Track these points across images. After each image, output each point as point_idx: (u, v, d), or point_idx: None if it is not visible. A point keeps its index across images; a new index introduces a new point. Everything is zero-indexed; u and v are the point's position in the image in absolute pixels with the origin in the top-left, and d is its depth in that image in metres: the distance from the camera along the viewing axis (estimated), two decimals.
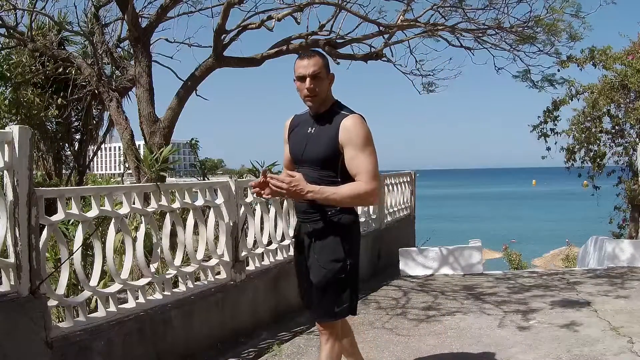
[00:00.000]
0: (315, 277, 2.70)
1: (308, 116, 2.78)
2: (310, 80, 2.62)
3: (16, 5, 7.02)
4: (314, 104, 2.68)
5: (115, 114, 6.07)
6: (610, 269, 7.05)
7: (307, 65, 2.63)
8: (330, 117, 2.68)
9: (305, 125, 2.76)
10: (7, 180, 2.96)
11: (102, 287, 3.71)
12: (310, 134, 2.72)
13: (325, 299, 2.70)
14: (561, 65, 8.81)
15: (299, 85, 2.67)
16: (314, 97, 2.65)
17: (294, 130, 2.82)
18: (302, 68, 2.63)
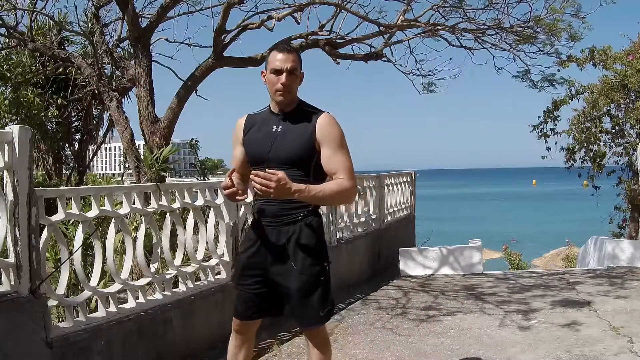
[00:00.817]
0: (295, 284, 2.57)
1: (269, 114, 2.66)
2: (287, 75, 2.55)
3: (16, 5, 7.01)
4: (285, 99, 2.59)
5: (115, 114, 6.07)
6: (610, 269, 7.04)
7: (285, 59, 2.56)
8: (300, 115, 2.61)
9: (268, 124, 2.63)
10: (7, 180, 2.96)
11: (102, 287, 3.71)
12: (276, 132, 2.59)
13: (310, 305, 2.59)
14: (561, 65, 8.81)
15: (272, 78, 2.58)
16: (286, 92, 2.56)
17: (251, 129, 2.67)
18: (280, 62, 2.55)
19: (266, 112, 2.70)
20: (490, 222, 38.64)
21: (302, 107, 2.65)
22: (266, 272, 2.64)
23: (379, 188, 8.02)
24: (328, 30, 6.61)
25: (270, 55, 2.63)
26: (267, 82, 2.62)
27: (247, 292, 2.70)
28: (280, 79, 2.55)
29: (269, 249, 2.62)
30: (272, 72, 2.57)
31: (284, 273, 2.60)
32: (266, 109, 2.71)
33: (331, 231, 6.34)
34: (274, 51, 2.64)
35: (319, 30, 6.63)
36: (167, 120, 5.94)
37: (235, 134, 2.75)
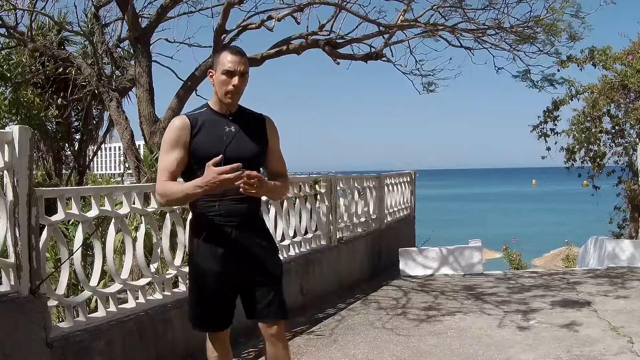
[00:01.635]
0: (270, 277, 2.66)
1: (214, 115, 2.62)
2: (239, 77, 2.55)
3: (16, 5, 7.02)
4: (233, 101, 2.61)
5: (115, 114, 6.07)
6: (610, 269, 7.05)
7: (239, 62, 2.55)
8: (246, 117, 2.67)
9: (218, 124, 2.59)
10: (7, 180, 2.96)
11: (102, 287, 3.71)
12: (230, 132, 2.58)
13: (282, 298, 2.69)
14: (561, 65, 8.81)
15: (222, 79, 2.55)
16: (236, 95, 2.58)
17: (200, 131, 2.57)
18: (234, 64, 2.54)
19: (207, 112, 2.64)
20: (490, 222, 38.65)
21: (243, 109, 2.70)
22: (238, 274, 2.62)
23: (379, 188, 8.02)
24: (328, 30, 6.61)
25: (222, 56, 2.59)
26: (215, 82, 2.60)
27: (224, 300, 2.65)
28: (232, 81, 2.55)
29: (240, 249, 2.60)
30: (224, 73, 2.55)
31: (260, 269, 2.64)
32: (204, 109, 2.65)
33: (331, 231, 6.34)
34: (225, 52, 2.60)
35: (319, 30, 6.63)
36: (167, 120, 5.93)
37: (176, 135, 2.56)
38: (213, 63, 2.67)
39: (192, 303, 2.70)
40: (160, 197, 2.56)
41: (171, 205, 2.61)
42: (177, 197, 2.53)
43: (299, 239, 5.72)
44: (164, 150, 2.60)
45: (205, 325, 2.72)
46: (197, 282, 2.66)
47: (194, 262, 2.66)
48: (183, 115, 2.67)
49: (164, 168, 2.56)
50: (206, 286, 2.62)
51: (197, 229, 2.64)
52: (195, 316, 2.70)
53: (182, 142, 2.56)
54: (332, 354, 4.15)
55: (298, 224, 5.70)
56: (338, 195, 6.67)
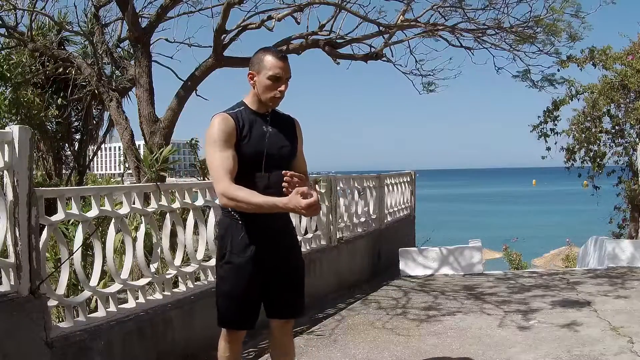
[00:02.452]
0: (299, 279, 2.80)
1: (252, 115, 2.66)
2: (285, 84, 2.63)
3: (16, 5, 7.02)
4: (275, 106, 2.69)
5: (115, 114, 6.07)
6: (610, 269, 7.05)
7: (286, 68, 2.62)
8: (279, 117, 2.74)
9: (258, 124, 2.64)
10: (7, 180, 2.96)
11: (102, 287, 3.71)
12: (268, 132, 2.65)
13: (303, 296, 2.83)
14: (561, 65, 8.82)
15: (268, 84, 2.60)
16: (280, 99, 2.67)
17: (243, 129, 2.60)
18: (282, 70, 2.60)
19: (246, 111, 2.66)
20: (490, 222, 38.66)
21: (275, 110, 2.75)
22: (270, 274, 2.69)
23: (379, 188, 8.03)
24: (328, 30, 6.61)
25: (268, 60, 2.61)
26: (258, 85, 2.63)
27: (255, 299, 2.71)
28: (279, 87, 2.61)
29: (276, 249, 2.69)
30: (270, 78, 2.60)
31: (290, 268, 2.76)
32: (242, 108, 2.68)
33: (331, 231, 6.34)
34: (271, 56, 2.63)
35: (319, 30, 6.63)
36: (167, 120, 5.94)
37: (227, 134, 2.57)
38: (252, 64, 2.67)
39: (225, 301, 2.69)
40: (228, 200, 2.51)
41: (237, 209, 2.58)
42: (249, 207, 2.50)
43: (299, 239, 5.72)
44: (219, 148, 2.55)
45: (236, 323, 2.72)
46: (232, 279, 2.66)
47: (230, 261, 2.65)
48: (226, 114, 2.63)
49: (225, 168, 2.53)
50: (241, 284, 2.65)
51: (237, 231, 2.64)
52: (227, 313, 2.70)
53: (233, 141, 2.58)
54: (332, 354, 4.15)
55: (298, 224, 5.70)
56: (338, 195, 6.67)
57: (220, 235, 2.71)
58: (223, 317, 2.72)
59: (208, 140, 2.58)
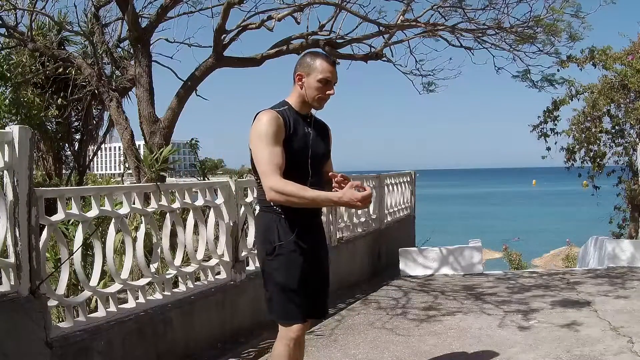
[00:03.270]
0: (327, 274, 2.87)
1: (296, 115, 2.69)
2: (333, 88, 2.70)
3: (16, 5, 7.02)
4: (319, 108, 2.75)
5: (115, 114, 6.07)
6: (610, 269, 7.04)
7: (334, 72, 2.69)
8: (316, 121, 2.79)
9: (301, 125, 2.69)
10: (7, 180, 2.96)
11: (102, 287, 3.71)
12: (309, 133, 2.71)
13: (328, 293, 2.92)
14: (561, 65, 8.80)
15: (317, 86, 2.65)
16: (325, 102, 2.73)
17: (291, 128, 2.64)
18: (332, 74, 2.66)
19: (291, 111, 2.68)
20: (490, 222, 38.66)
21: (312, 113, 2.81)
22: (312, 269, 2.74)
23: (379, 188, 8.03)
24: (328, 30, 6.61)
25: (319, 63, 2.66)
26: (306, 86, 2.67)
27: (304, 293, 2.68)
28: (328, 90, 2.68)
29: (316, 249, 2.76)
30: (321, 81, 2.65)
31: (324, 266, 2.83)
32: (286, 107, 2.69)
33: (331, 231, 6.34)
34: (321, 60, 2.68)
35: (319, 30, 6.63)
36: (167, 120, 5.94)
37: (277, 131, 2.57)
38: (301, 65, 2.69)
39: (282, 294, 2.66)
40: (278, 194, 2.52)
41: (286, 204, 2.58)
42: (300, 201, 2.52)
43: None
44: (269, 143, 2.55)
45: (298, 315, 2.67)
46: (285, 270, 2.64)
47: (281, 253, 2.64)
48: (274, 112, 2.62)
49: (275, 164, 2.54)
50: (295, 274, 2.65)
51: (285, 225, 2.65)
52: (287, 307, 2.65)
53: (282, 138, 2.59)
54: (332, 354, 4.15)
55: None
56: None
57: (264, 230, 2.70)
58: (283, 312, 2.66)
59: (256, 135, 2.57)
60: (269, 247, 2.66)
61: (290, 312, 2.65)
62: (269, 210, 2.69)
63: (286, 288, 2.64)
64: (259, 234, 2.75)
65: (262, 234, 2.72)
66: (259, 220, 2.80)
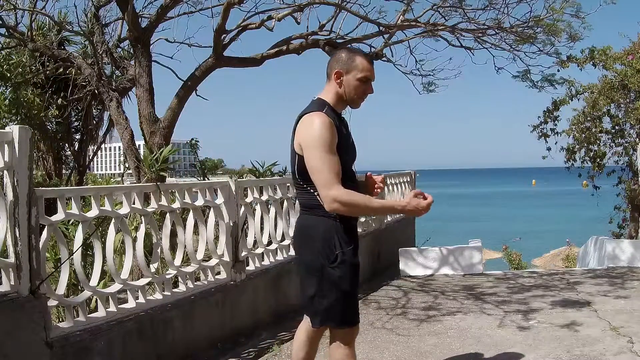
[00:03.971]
0: None
1: (335, 114, 2.62)
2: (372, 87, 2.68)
3: (16, 5, 7.02)
4: (356, 107, 2.71)
5: (115, 114, 6.07)
6: (610, 269, 7.04)
7: (373, 70, 2.66)
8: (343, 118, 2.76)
9: (342, 126, 2.63)
10: (7, 180, 2.96)
11: (102, 287, 3.71)
12: (349, 135, 2.70)
13: None
14: (561, 65, 8.81)
15: (358, 85, 2.61)
16: (362, 101, 2.70)
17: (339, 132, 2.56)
18: (372, 73, 2.64)
19: (332, 111, 2.61)
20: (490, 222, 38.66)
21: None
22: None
23: None
24: (328, 30, 6.61)
25: (358, 61, 2.61)
26: (345, 84, 2.61)
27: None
28: (369, 88, 2.65)
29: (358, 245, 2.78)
30: (361, 79, 2.61)
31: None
32: (327, 107, 2.60)
33: None
34: (361, 58, 2.63)
35: (319, 30, 6.63)
36: (167, 120, 5.94)
37: (332, 136, 2.50)
38: (339, 62, 2.62)
39: (347, 300, 2.68)
40: (342, 206, 2.47)
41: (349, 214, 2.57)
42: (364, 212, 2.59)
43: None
44: (328, 151, 2.47)
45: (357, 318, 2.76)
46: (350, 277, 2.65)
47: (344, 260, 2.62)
48: (327, 116, 2.53)
49: (336, 172, 2.48)
50: (356, 280, 2.70)
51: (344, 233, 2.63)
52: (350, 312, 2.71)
53: (336, 143, 2.52)
54: None
55: None
56: None
57: (324, 237, 2.61)
58: (349, 316, 2.70)
59: (313, 142, 2.47)
60: (331, 255, 2.59)
61: (353, 316, 2.72)
62: (326, 216, 2.59)
63: (350, 294, 2.67)
64: (317, 241, 2.63)
65: (321, 241, 2.61)
66: (316, 226, 2.63)
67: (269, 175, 6.27)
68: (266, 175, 6.23)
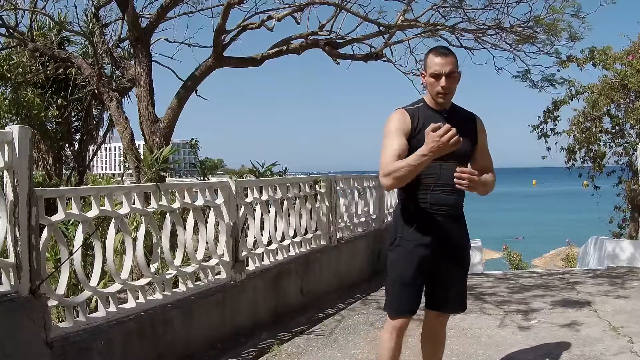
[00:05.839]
0: (463, 270, 2.93)
1: (430, 112, 2.74)
2: (446, 79, 2.67)
3: (16, 5, 7.02)
4: (445, 101, 2.75)
5: (115, 114, 6.07)
6: (610, 269, 7.05)
7: (443, 63, 2.67)
8: (459, 114, 2.80)
9: (434, 120, 2.64)
10: (7, 180, 2.96)
11: (102, 287, 3.71)
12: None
13: (465, 289, 2.95)
14: (561, 65, 8.81)
15: (431, 81, 2.69)
16: (446, 95, 2.71)
17: (418, 124, 2.68)
18: (439, 66, 2.67)
19: (424, 108, 2.76)
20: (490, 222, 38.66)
21: (456, 107, 2.83)
22: (437, 263, 2.78)
23: (379, 188, 8.01)
24: (328, 30, 6.61)
25: (429, 58, 2.72)
26: (427, 83, 2.74)
27: (420, 286, 2.80)
28: (440, 82, 2.68)
29: (445, 239, 2.78)
30: (432, 75, 2.69)
31: (457, 260, 2.88)
32: (421, 104, 2.77)
33: (331, 231, 6.34)
34: (431, 54, 2.73)
35: (319, 30, 6.63)
36: (167, 120, 5.94)
37: (399, 125, 2.69)
38: (423, 64, 2.79)
39: (394, 286, 2.79)
40: (386, 178, 2.61)
41: (399, 184, 2.66)
42: (403, 172, 2.58)
43: (299, 239, 5.72)
44: (389, 137, 2.67)
45: (406, 310, 2.79)
46: (401, 264, 2.76)
47: (400, 244, 2.76)
48: (402, 109, 2.75)
49: (391, 153, 2.63)
50: (410, 269, 2.75)
51: (404, 217, 2.77)
52: (396, 299, 2.80)
53: (405, 132, 2.67)
54: (332, 354, 4.15)
55: (298, 224, 5.70)
56: (338, 195, 6.67)
57: (393, 220, 2.86)
58: (392, 302, 2.80)
59: (384, 132, 2.71)
60: (391, 238, 2.79)
61: (396, 305, 2.78)
62: (400, 201, 2.84)
63: (398, 281, 2.77)
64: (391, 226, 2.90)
65: (392, 225, 2.88)
66: (393, 212, 2.97)
67: (269, 175, 6.27)
68: (266, 175, 6.23)
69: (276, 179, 5.69)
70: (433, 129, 2.46)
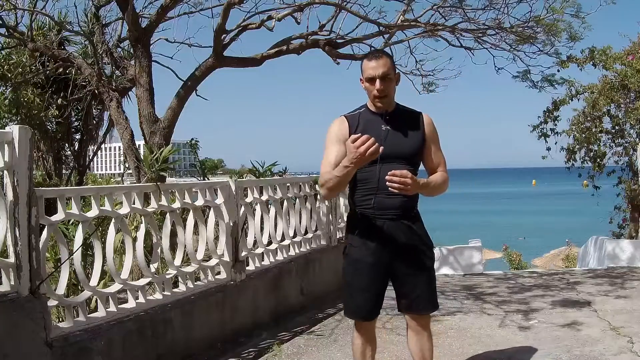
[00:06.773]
0: (424, 272, 2.84)
1: (371, 115, 2.77)
2: (380, 81, 2.69)
3: (16, 5, 7.02)
4: (383, 104, 2.75)
5: (115, 114, 6.07)
6: (610, 269, 7.05)
7: (376, 66, 2.70)
8: (403, 115, 2.80)
9: (374, 124, 2.73)
10: (7, 180, 2.96)
11: (102, 287, 3.71)
12: (386, 131, 2.73)
13: (432, 290, 2.89)
14: (561, 65, 8.80)
15: (367, 86, 2.74)
16: (383, 97, 2.72)
17: (357, 129, 2.69)
18: (372, 69, 2.70)
19: (365, 112, 2.80)
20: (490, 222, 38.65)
21: (400, 107, 2.84)
22: (392, 267, 2.80)
23: None
24: (328, 30, 6.61)
25: (363, 63, 2.76)
26: (364, 88, 2.78)
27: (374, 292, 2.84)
28: (375, 85, 2.70)
29: (396, 243, 2.76)
30: (367, 80, 2.73)
31: (413, 263, 2.81)
32: (362, 109, 2.82)
33: (331, 231, 6.34)
34: (365, 59, 2.77)
35: (319, 30, 6.63)
36: (167, 120, 5.94)
37: (336, 133, 2.75)
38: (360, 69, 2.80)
39: (347, 294, 2.87)
40: (321, 189, 2.72)
41: (332, 194, 2.74)
42: (332, 183, 2.64)
43: (299, 239, 5.72)
44: (327, 146, 2.76)
45: (358, 315, 2.92)
46: (350, 272, 2.82)
47: (350, 255, 2.82)
48: (342, 117, 2.82)
49: (327, 162, 2.71)
50: (360, 278, 2.79)
51: (352, 223, 2.83)
52: (349, 306, 2.90)
53: (343, 139, 2.67)
54: (332, 354, 4.15)
55: (298, 224, 5.70)
56: (338, 195, 6.67)
57: (345, 230, 2.91)
58: (346, 307, 2.96)
59: (325, 142, 2.78)
60: (344, 246, 2.85)
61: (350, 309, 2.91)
62: (351, 208, 2.87)
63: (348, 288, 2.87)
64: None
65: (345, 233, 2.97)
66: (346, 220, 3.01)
67: (269, 175, 6.27)
68: (266, 175, 6.23)
69: (276, 179, 5.69)
70: (352, 140, 2.45)
